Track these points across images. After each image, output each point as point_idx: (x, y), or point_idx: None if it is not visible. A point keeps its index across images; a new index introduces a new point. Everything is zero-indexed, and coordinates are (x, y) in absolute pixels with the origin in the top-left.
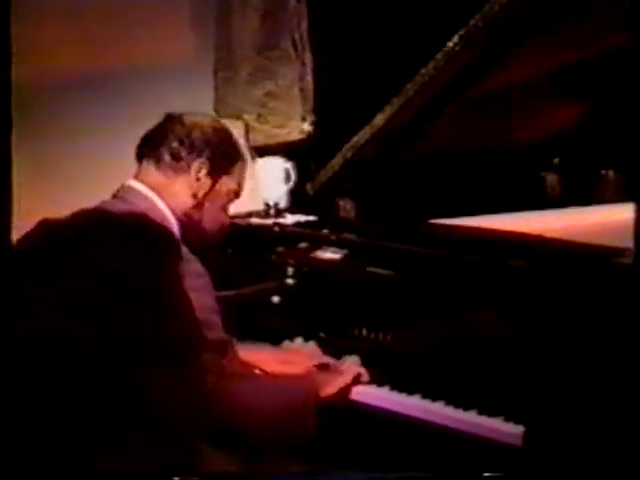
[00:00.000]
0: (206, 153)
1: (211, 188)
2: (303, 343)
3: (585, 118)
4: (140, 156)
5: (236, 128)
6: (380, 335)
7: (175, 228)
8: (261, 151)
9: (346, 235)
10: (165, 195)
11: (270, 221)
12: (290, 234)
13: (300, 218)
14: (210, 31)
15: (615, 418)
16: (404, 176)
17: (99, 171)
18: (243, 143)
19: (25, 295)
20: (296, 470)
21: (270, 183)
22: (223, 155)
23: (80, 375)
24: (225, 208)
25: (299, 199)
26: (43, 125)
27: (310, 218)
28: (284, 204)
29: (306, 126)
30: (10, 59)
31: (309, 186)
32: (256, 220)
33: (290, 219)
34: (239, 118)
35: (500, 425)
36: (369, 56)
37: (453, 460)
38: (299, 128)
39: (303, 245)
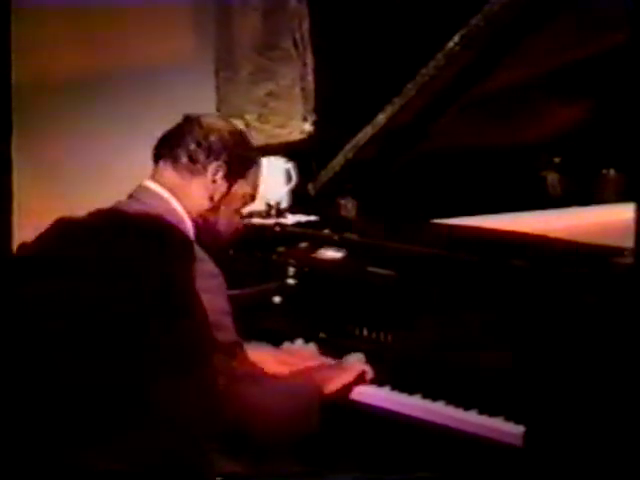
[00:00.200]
0: (223, 156)
1: (227, 191)
2: (303, 345)
3: (586, 117)
4: (157, 157)
5: None
6: (381, 335)
7: (190, 229)
8: (262, 151)
9: (347, 235)
10: (181, 196)
11: (271, 221)
12: (291, 234)
13: (301, 218)
14: (211, 31)
15: (615, 418)
16: (405, 176)
17: (99, 171)
18: None
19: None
20: (298, 471)
21: (271, 183)
22: (239, 159)
23: (90, 375)
24: (239, 211)
25: (300, 199)
26: (43, 125)
27: (311, 218)
28: (285, 204)
29: (307, 126)
30: (10, 59)
31: (310, 186)
32: (257, 220)
33: (291, 219)
34: (240, 118)
35: (500, 425)
36: (370, 56)
37: (454, 460)
38: (300, 128)
39: (304, 245)
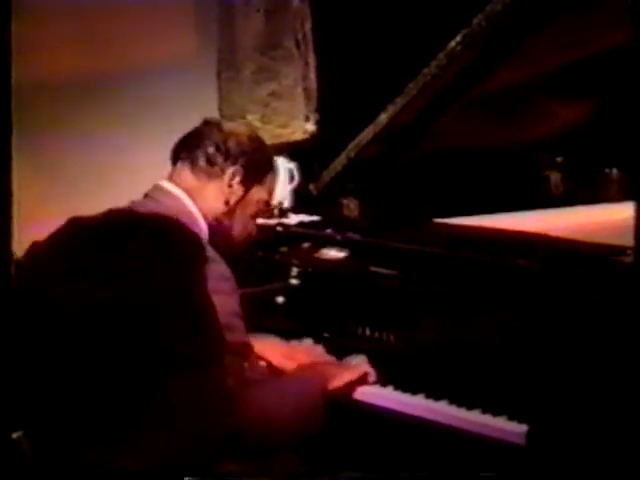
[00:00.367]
0: (241, 161)
1: (243, 196)
2: (311, 344)
3: (588, 116)
4: (175, 158)
5: None
6: (384, 335)
7: (204, 231)
8: None
9: (350, 235)
10: (197, 198)
11: (274, 221)
12: (294, 234)
13: (304, 218)
14: (213, 31)
15: (618, 417)
16: (407, 175)
17: (99, 171)
18: None
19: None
20: (301, 471)
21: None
22: (257, 164)
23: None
24: (254, 217)
25: (303, 199)
26: (43, 125)
27: (314, 218)
28: (288, 204)
29: (309, 126)
30: (10, 59)
31: (313, 186)
32: (260, 220)
33: (294, 219)
34: (243, 118)
35: (504, 424)
36: (372, 55)
37: (457, 459)
38: (302, 128)
39: (307, 245)
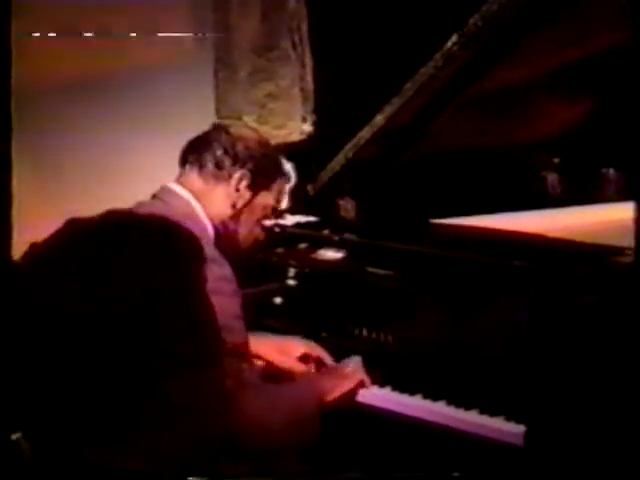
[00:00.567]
0: (248, 165)
1: (249, 200)
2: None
3: (585, 117)
4: (184, 161)
5: None
6: (381, 335)
7: (211, 234)
8: None
9: (347, 235)
10: (204, 201)
11: (271, 222)
12: (291, 235)
13: (301, 219)
14: (210, 31)
15: (616, 417)
16: (405, 176)
17: (99, 171)
18: None
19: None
20: (300, 471)
21: None
22: (265, 170)
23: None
24: (260, 222)
25: (300, 200)
26: (43, 125)
27: (311, 219)
28: (285, 205)
29: (306, 127)
30: (10, 59)
31: (310, 187)
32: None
33: (291, 220)
34: (239, 119)
35: (501, 425)
36: (369, 56)
37: (455, 460)
38: (299, 129)
39: (304, 246)
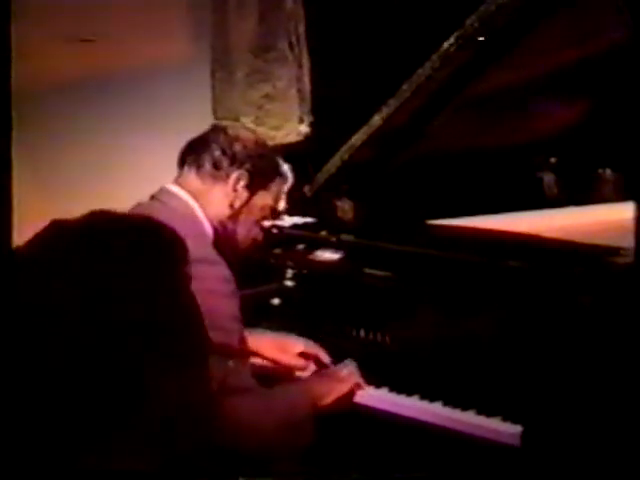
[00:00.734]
0: (246, 165)
1: (247, 200)
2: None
3: (581, 117)
4: (182, 162)
5: None
6: (378, 336)
7: (209, 234)
8: None
9: (344, 236)
10: (202, 201)
11: (268, 223)
12: (288, 236)
13: (298, 220)
14: (207, 32)
15: (613, 418)
16: (402, 177)
17: (99, 171)
18: None
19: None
20: (296, 471)
21: None
22: (262, 170)
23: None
24: (259, 223)
25: (297, 201)
26: (43, 125)
27: (308, 220)
28: (282, 206)
29: (303, 128)
30: (10, 59)
31: (307, 188)
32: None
33: (288, 221)
34: (236, 120)
35: (498, 425)
36: (366, 57)
37: (452, 460)
38: (296, 130)
39: (301, 247)
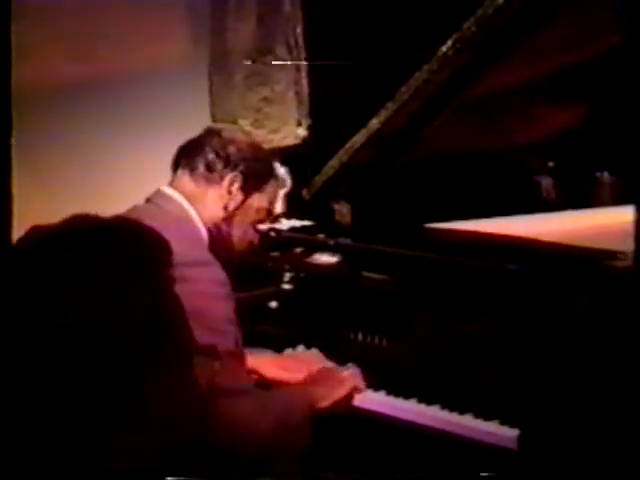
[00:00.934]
0: (240, 167)
1: (242, 203)
2: (305, 350)
3: (579, 121)
4: (176, 165)
5: None
6: (376, 339)
7: (204, 236)
8: None
9: (342, 240)
10: (197, 204)
11: (266, 226)
12: (286, 239)
13: (296, 223)
14: (205, 35)
15: (610, 422)
16: (400, 180)
17: (99, 171)
18: None
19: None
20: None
21: None
22: (256, 172)
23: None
24: (255, 225)
25: (295, 204)
26: (43, 126)
27: (306, 223)
28: (280, 209)
29: (301, 131)
30: (10, 60)
31: (305, 191)
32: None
33: (286, 224)
34: (235, 123)
35: (495, 429)
36: (364, 60)
37: (449, 464)
38: (294, 133)
39: (299, 250)
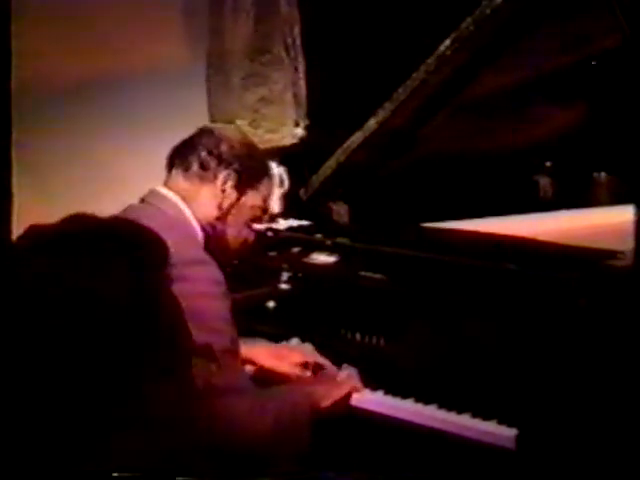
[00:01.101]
0: (234, 166)
1: (236, 201)
2: (299, 343)
3: (577, 121)
4: (170, 164)
5: None
6: (373, 339)
7: (199, 235)
8: None
9: (340, 239)
10: (191, 203)
11: (263, 226)
12: (283, 239)
13: (293, 223)
14: (203, 36)
15: (609, 422)
16: (397, 180)
17: (99, 172)
18: None
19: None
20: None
21: None
22: (250, 170)
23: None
24: (249, 224)
25: (292, 204)
26: (43, 126)
27: (303, 223)
28: (277, 209)
29: (299, 131)
30: (10, 60)
31: (302, 191)
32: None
33: (283, 224)
34: (232, 123)
35: (493, 428)
36: (361, 60)
37: (447, 463)
38: (292, 133)
39: (296, 250)
